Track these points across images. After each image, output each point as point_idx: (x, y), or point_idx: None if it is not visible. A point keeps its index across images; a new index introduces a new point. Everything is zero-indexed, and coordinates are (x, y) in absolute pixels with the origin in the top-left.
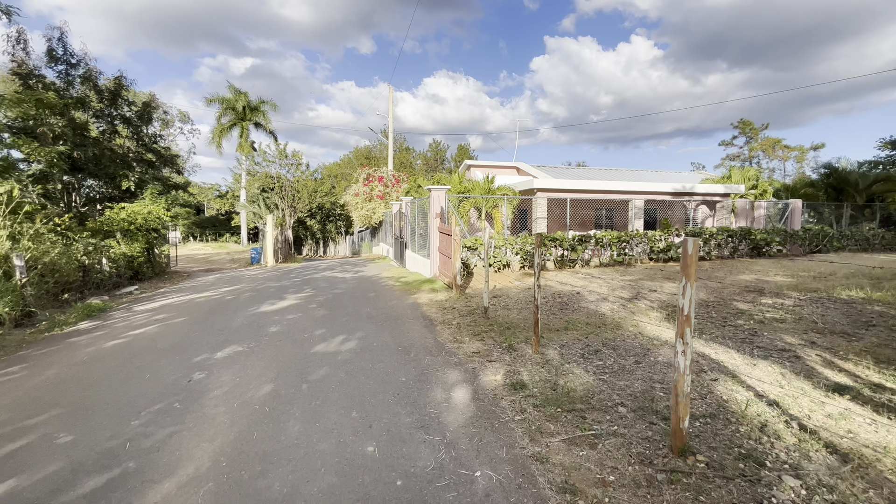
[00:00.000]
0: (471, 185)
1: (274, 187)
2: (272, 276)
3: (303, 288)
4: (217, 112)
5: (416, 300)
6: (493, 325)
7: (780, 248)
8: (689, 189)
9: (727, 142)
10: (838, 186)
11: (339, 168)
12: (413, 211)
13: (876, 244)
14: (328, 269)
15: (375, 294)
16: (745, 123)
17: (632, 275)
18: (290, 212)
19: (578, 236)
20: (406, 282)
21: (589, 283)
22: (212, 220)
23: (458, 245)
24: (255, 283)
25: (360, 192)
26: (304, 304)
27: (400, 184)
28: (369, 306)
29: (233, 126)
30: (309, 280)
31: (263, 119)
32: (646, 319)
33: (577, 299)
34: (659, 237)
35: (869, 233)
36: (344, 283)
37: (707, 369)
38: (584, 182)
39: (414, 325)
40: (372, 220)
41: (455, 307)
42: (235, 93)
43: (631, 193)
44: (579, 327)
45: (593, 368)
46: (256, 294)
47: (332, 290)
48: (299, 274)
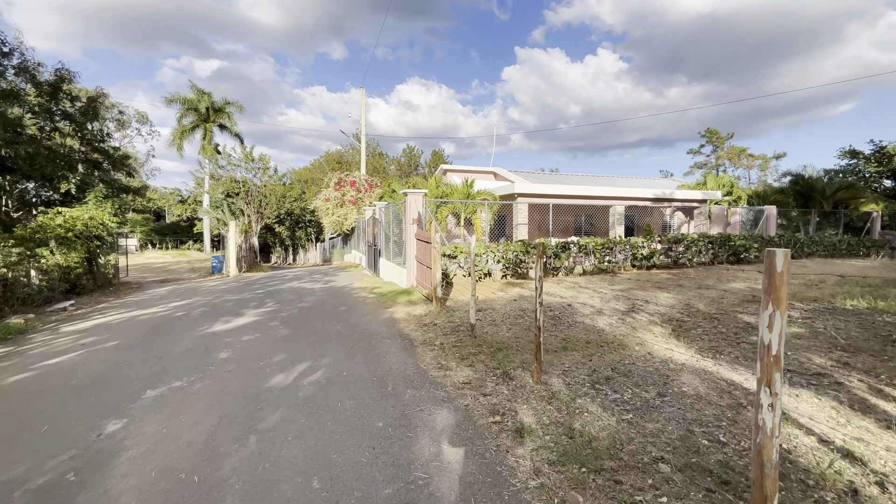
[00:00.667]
0: (449, 189)
1: (239, 192)
2: (233, 287)
3: (265, 301)
4: (178, 113)
5: (393, 315)
6: (481, 345)
7: (757, 254)
8: (668, 195)
9: (695, 150)
10: (806, 193)
11: (310, 173)
12: (387, 217)
13: (842, 249)
14: (296, 278)
15: (347, 308)
16: (712, 132)
17: (620, 284)
18: (256, 218)
19: (561, 243)
20: (381, 293)
21: (578, 293)
22: (173, 227)
23: (439, 253)
24: (212, 296)
25: (330, 197)
26: (265, 321)
27: (373, 189)
28: (339, 323)
29: (195, 128)
30: (273, 292)
31: (228, 121)
32: (651, 336)
33: (570, 312)
34: (642, 244)
35: (835, 238)
36: (312, 296)
37: (745, 403)
38: (566, 187)
39: (391, 346)
40: (344, 226)
41: (436, 323)
42: (198, 93)
43: (612, 199)
44: (580, 347)
45: (611, 404)
46: (211, 310)
47: (298, 303)
48: (263, 285)
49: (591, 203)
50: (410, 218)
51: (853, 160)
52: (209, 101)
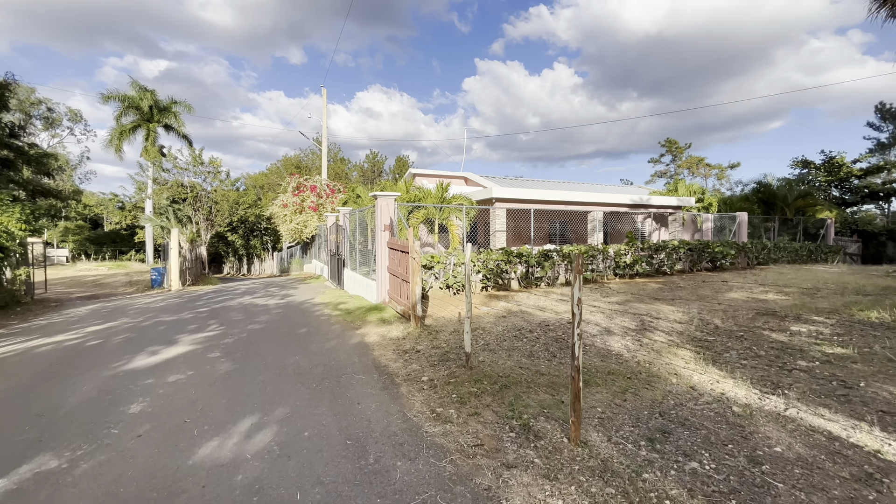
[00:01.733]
0: (421, 193)
1: (187, 198)
2: (172, 304)
3: (208, 323)
4: (116, 111)
5: (364, 339)
6: (481, 380)
7: (733, 260)
8: (645, 201)
9: (655, 159)
10: (768, 201)
11: (266, 178)
12: (352, 224)
13: (804, 255)
14: (248, 292)
15: (307, 330)
16: (671, 142)
17: (613, 296)
18: (206, 226)
19: (543, 251)
20: (347, 310)
21: None
22: (111, 236)
23: (419, 265)
24: (143, 317)
25: (289, 202)
26: (204, 351)
27: (335, 194)
28: (299, 352)
29: (136, 128)
30: (220, 310)
31: (175, 121)
32: (681, 363)
33: None
34: (624, 251)
35: (797, 245)
36: (266, 314)
37: (872, 470)
38: (546, 192)
39: (366, 385)
40: (303, 234)
41: (419, 349)
42: (140, 90)
43: (592, 205)
44: (604, 380)
45: (695, 482)
46: (137, 335)
47: (248, 324)
48: (209, 300)
49: (569, 209)
50: (381, 224)
51: (804, 169)
52: (152, 98)
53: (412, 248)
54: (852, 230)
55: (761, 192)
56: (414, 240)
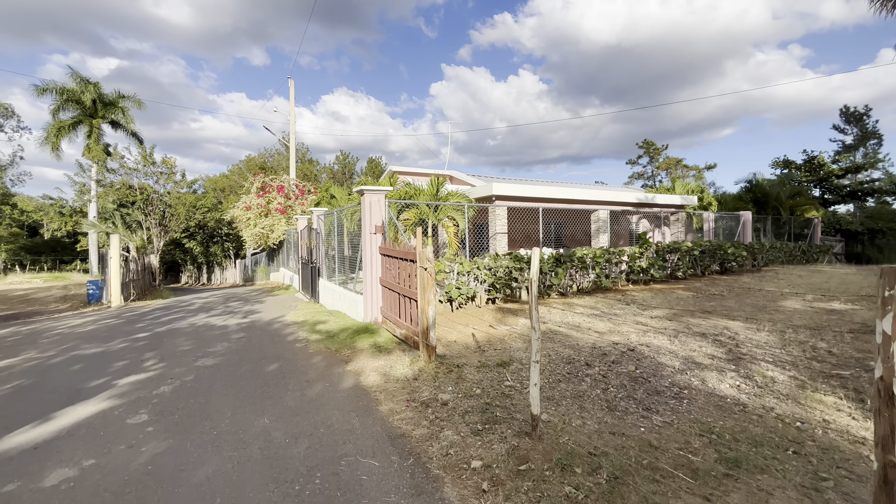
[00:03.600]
0: (412, 190)
1: (136, 201)
2: (104, 328)
3: (143, 357)
4: (52, 105)
5: (360, 379)
6: (568, 464)
7: (742, 262)
8: (650, 200)
9: (633, 160)
10: (760, 200)
11: (227, 180)
12: (328, 226)
13: (797, 255)
14: (205, 308)
15: (279, 367)
16: (649, 144)
17: (648, 308)
18: (158, 231)
19: (555, 256)
20: (328, 332)
21: (613, 324)
22: (51, 244)
23: (432, 278)
24: (57, 350)
25: (252, 205)
26: (124, 412)
27: (305, 195)
28: (268, 409)
29: (77, 124)
30: (163, 335)
31: (123, 117)
32: (842, 417)
33: (647, 365)
34: (639, 254)
35: (791, 245)
36: (223, 340)
37: None
38: (550, 189)
39: (386, 486)
40: (269, 239)
41: (444, 399)
42: (81, 82)
43: (597, 204)
44: (755, 461)
45: None
46: (34, 383)
47: (198, 357)
48: (154, 321)
49: (574, 208)
50: (369, 226)
51: (785, 169)
52: (96, 92)
53: (421, 255)
54: (836, 229)
55: (753, 191)
56: (424, 242)
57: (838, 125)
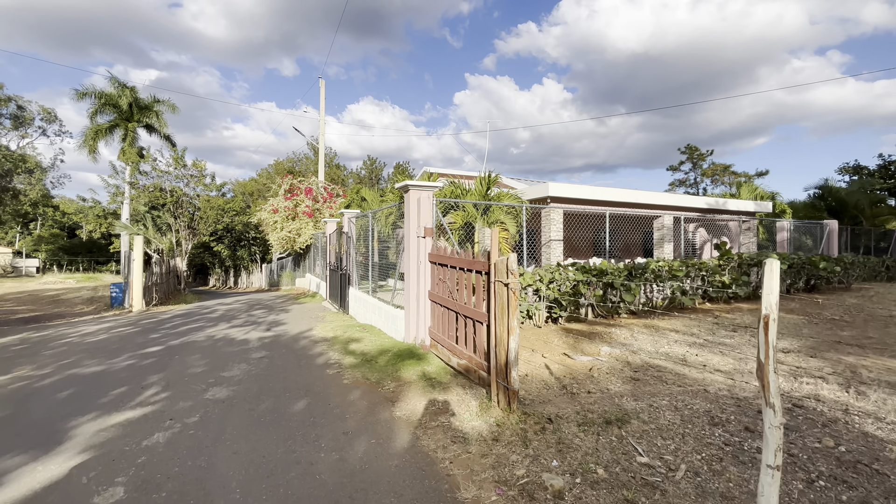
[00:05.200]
0: (458, 189)
1: (166, 203)
2: (115, 338)
3: (145, 382)
4: (90, 108)
5: (419, 439)
6: None
7: (840, 279)
8: (721, 205)
9: (674, 167)
10: (835, 209)
11: (256, 184)
12: (361, 229)
13: (881, 271)
14: (226, 316)
15: (308, 406)
16: (692, 149)
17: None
18: (187, 234)
19: (631, 266)
20: (364, 354)
21: (736, 360)
22: (87, 245)
23: (516, 296)
24: (56, 365)
25: (280, 207)
26: (97, 477)
27: (333, 198)
28: (294, 488)
29: (114, 127)
30: (176, 350)
31: (157, 121)
32: None
33: (846, 437)
34: (720, 268)
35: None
36: (242, 361)
37: None
38: (609, 192)
39: None
40: (296, 244)
41: (557, 489)
42: (119, 87)
43: (663, 208)
44: None
45: None
46: (6, 416)
47: (209, 385)
48: (170, 331)
49: (629, 213)
50: (416, 228)
51: (855, 175)
52: (132, 96)
53: (499, 265)
54: None
55: (825, 198)
56: (502, 250)
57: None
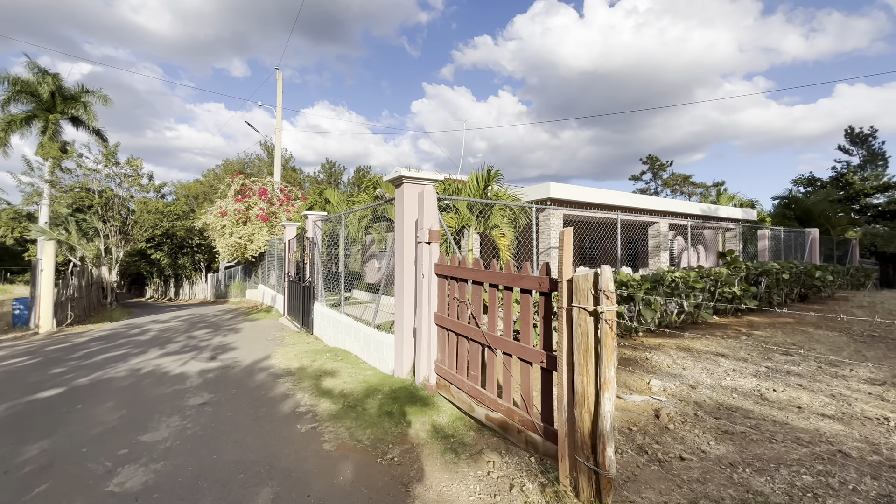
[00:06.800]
0: (450, 187)
1: (93, 205)
2: (1, 373)
3: (19, 455)
4: (2, 95)
5: None
6: None
7: (822, 288)
8: (713, 212)
9: (636, 176)
10: (802, 218)
11: (202, 186)
12: (329, 235)
13: (847, 279)
14: (160, 339)
15: (275, 497)
16: (653, 159)
17: (813, 355)
18: (118, 240)
19: (654, 276)
20: (345, 396)
21: (832, 398)
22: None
23: (612, 331)
24: None
25: (229, 210)
26: None
27: (292, 201)
28: None
29: (32, 118)
30: (80, 395)
31: (86, 113)
32: None
33: None
34: (730, 278)
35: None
36: (173, 414)
37: None
38: (611, 195)
39: None
40: (248, 251)
41: None
42: (39, 73)
43: (661, 215)
44: None
45: None
46: None
47: (116, 467)
48: (80, 363)
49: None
50: (415, 230)
51: (809, 187)
52: (55, 84)
53: (579, 283)
54: (871, 251)
55: (792, 207)
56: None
57: (843, 146)
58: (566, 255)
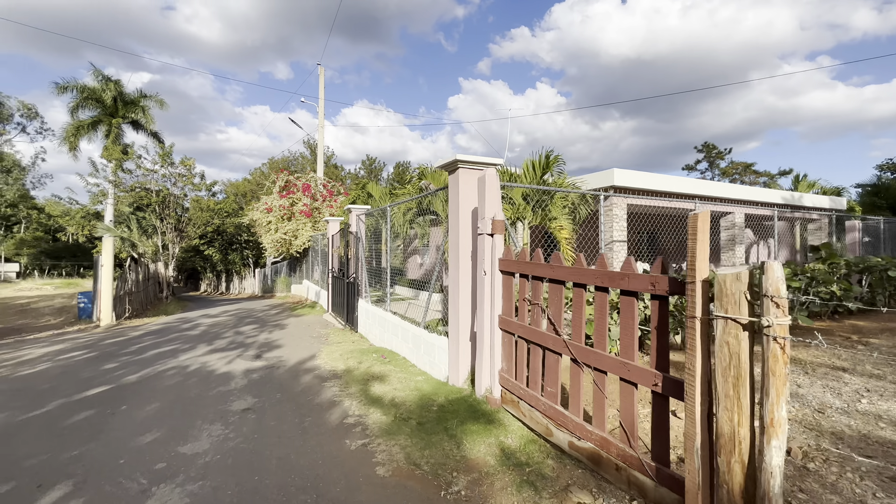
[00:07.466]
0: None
1: (151, 204)
2: (57, 369)
3: (57, 459)
4: (71, 102)
5: None
6: None
7: None
8: (796, 200)
9: (690, 166)
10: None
11: (249, 185)
12: (371, 227)
13: None
14: (208, 335)
15: None
16: (709, 147)
17: None
18: (174, 237)
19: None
20: (396, 405)
21: None
22: (72, 249)
23: (785, 350)
24: None
25: (274, 206)
26: None
27: (334, 196)
28: None
29: (97, 123)
30: (129, 393)
31: (144, 117)
32: None
33: None
34: (830, 273)
35: None
36: (215, 421)
37: None
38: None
39: None
40: (292, 246)
41: None
42: (102, 80)
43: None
44: None
45: None
46: None
47: (154, 480)
48: (132, 359)
49: (682, 208)
50: (469, 220)
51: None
52: (117, 90)
53: (726, 281)
54: None
55: (881, 195)
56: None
57: None
58: (700, 246)
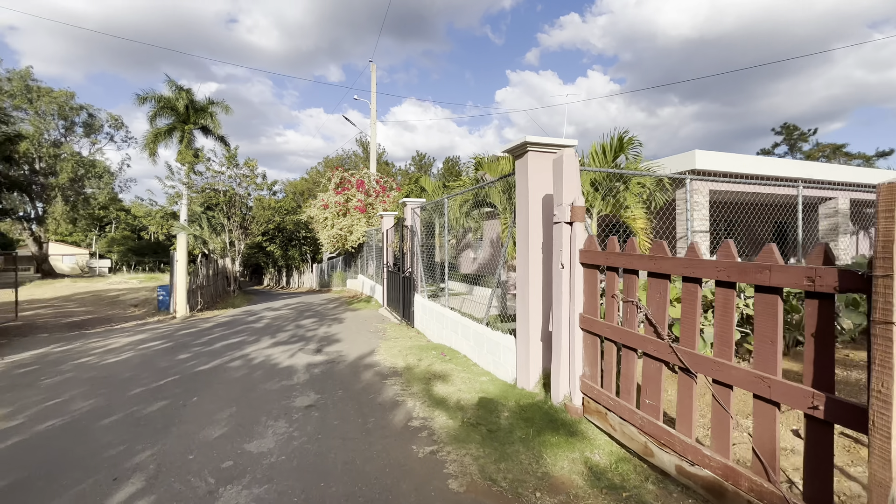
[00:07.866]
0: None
1: (219, 203)
2: (137, 357)
3: (130, 458)
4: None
5: None
6: None
7: None
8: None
9: (767, 150)
10: None
11: (306, 184)
12: (425, 220)
13: None
14: (271, 328)
15: None
16: (790, 129)
17: None
18: (240, 234)
19: None
20: (462, 408)
21: None
22: (153, 246)
23: None
24: (33, 410)
25: (330, 203)
26: None
27: (387, 192)
28: None
29: (172, 130)
30: (200, 384)
31: (212, 122)
32: None
33: None
34: None
35: None
36: (280, 418)
37: None
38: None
39: None
40: (347, 242)
41: None
42: (176, 90)
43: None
44: None
45: None
46: None
47: (220, 481)
48: (203, 349)
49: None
50: (539, 208)
51: None
52: (188, 98)
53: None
54: None
55: None
56: None
57: None
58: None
